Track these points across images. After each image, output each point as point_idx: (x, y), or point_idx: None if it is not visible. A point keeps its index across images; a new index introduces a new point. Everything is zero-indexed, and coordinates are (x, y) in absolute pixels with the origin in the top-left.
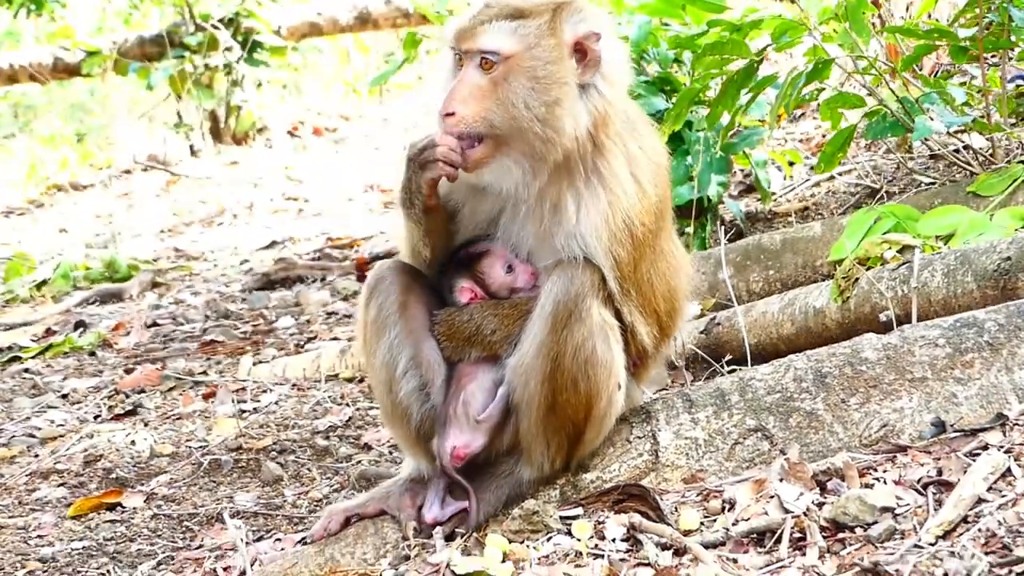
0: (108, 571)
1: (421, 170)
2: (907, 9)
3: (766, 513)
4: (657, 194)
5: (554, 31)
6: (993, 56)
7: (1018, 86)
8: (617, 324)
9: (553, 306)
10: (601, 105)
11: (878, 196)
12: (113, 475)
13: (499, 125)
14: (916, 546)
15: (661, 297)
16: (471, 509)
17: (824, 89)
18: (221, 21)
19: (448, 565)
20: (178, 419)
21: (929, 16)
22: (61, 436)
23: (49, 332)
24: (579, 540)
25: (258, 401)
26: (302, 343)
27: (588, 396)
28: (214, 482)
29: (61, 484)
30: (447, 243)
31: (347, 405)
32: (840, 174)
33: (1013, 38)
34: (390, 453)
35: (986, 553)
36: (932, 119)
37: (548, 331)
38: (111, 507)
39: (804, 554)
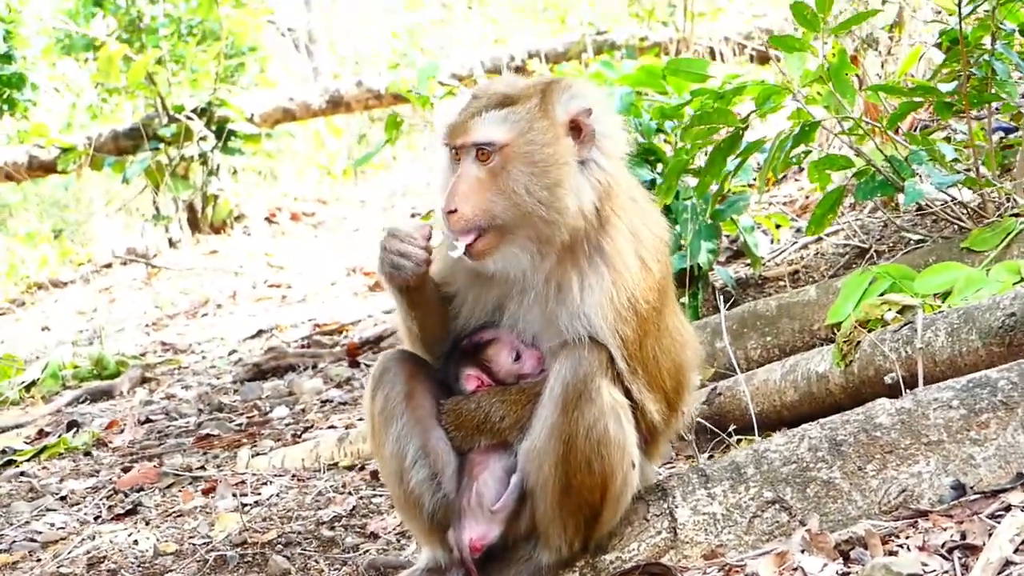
0: None
1: (393, 269)
2: (882, 67)
3: None
4: (660, 270)
5: (546, 112)
6: (975, 111)
7: (1002, 139)
8: (627, 403)
9: (562, 388)
10: (603, 178)
11: (868, 256)
12: None
13: (502, 215)
14: None
15: (667, 374)
16: None
17: (810, 152)
18: (194, 111)
19: None
20: (179, 516)
21: (904, 77)
22: (63, 539)
23: (42, 433)
24: None
25: (259, 494)
26: (299, 432)
27: (603, 476)
28: None
29: None
30: (442, 322)
31: (350, 494)
32: (828, 235)
33: (996, 91)
34: (397, 541)
35: None
36: (922, 180)
37: (559, 413)
38: None
39: None
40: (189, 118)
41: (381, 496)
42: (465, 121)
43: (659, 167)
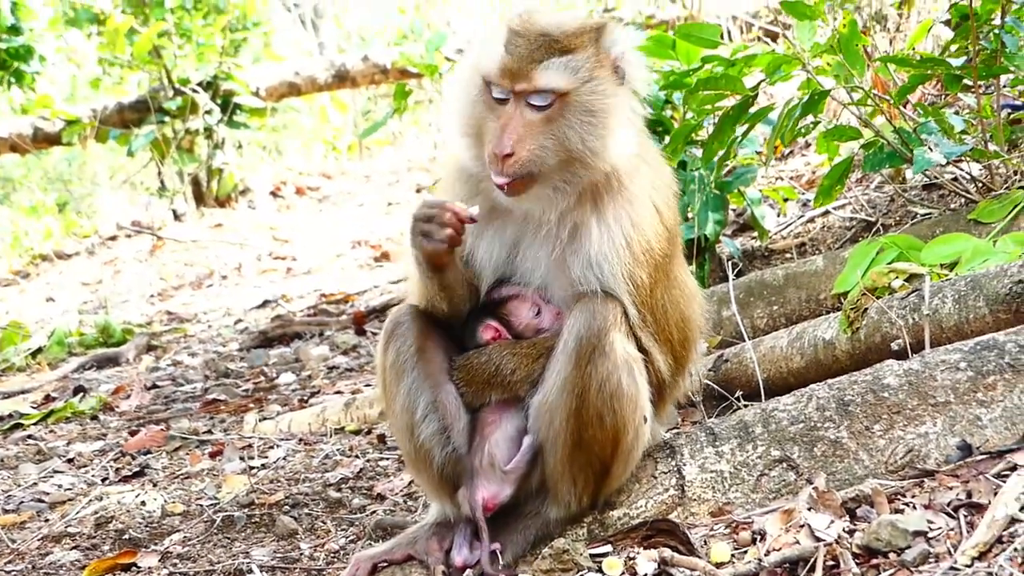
0: None
1: (424, 237)
2: (891, 43)
3: (797, 542)
4: (671, 217)
5: (601, 61)
6: (983, 85)
7: (1010, 114)
8: (640, 356)
9: (576, 342)
10: (638, 120)
11: (874, 229)
12: (126, 536)
13: (552, 160)
14: (952, 568)
15: (675, 326)
16: (486, 553)
17: (819, 122)
18: (200, 84)
19: None
20: (187, 478)
21: (913, 49)
22: (70, 500)
23: (48, 399)
24: None
25: (266, 457)
26: (305, 398)
27: (615, 431)
28: (228, 538)
29: (74, 547)
30: (465, 291)
31: (357, 457)
32: (835, 209)
33: (1005, 63)
34: (404, 503)
35: (1023, 572)
36: (931, 150)
37: (572, 367)
38: (126, 568)
39: None
40: (195, 91)
41: (388, 459)
42: (524, 66)
43: (666, 139)
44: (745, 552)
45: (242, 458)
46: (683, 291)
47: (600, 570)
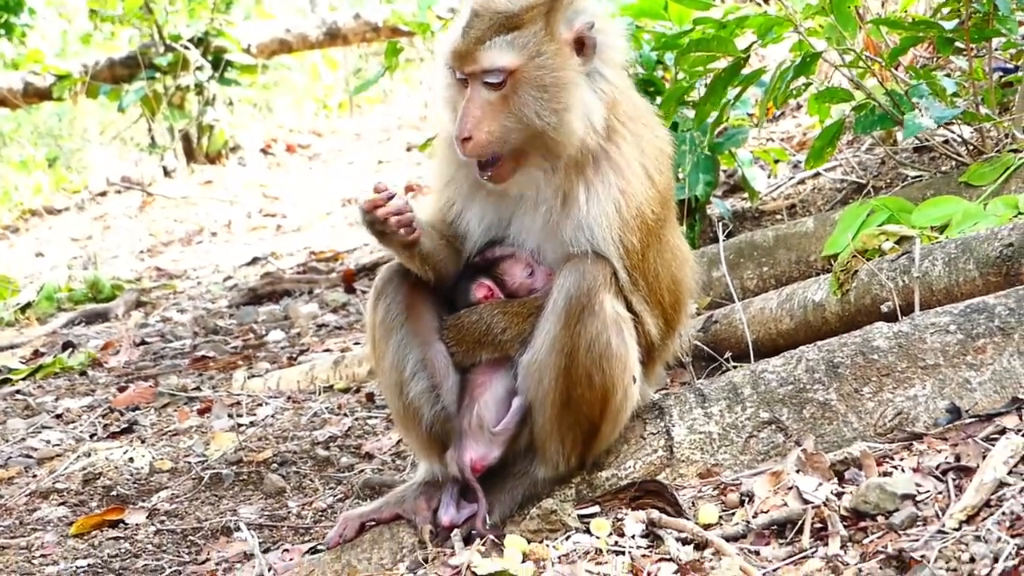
0: None
1: (379, 238)
2: (883, 5)
3: (785, 504)
4: (663, 182)
5: (552, 34)
6: (975, 48)
7: (1001, 77)
8: (630, 316)
9: (565, 301)
10: (608, 89)
11: (865, 191)
12: (114, 492)
13: (515, 139)
14: (940, 532)
15: (666, 289)
16: (481, 513)
17: (811, 84)
18: (191, 41)
19: (469, 567)
20: (175, 435)
21: (906, 12)
22: (58, 456)
23: (37, 354)
24: (598, 538)
25: (254, 415)
26: (294, 356)
27: (604, 390)
28: (216, 496)
29: (62, 503)
30: (449, 255)
31: (345, 416)
32: (826, 171)
33: (997, 26)
34: (393, 461)
35: (1012, 536)
36: (922, 113)
37: (561, 326)
38: (113, 524)
39: (827, 544)
40: (186, 47)
41: (376, 418)
42: (472, 47)
43: (658, 100)
44: (733, 514)
45: (230, 415)
46: (675, 255)
47: (588, 531)
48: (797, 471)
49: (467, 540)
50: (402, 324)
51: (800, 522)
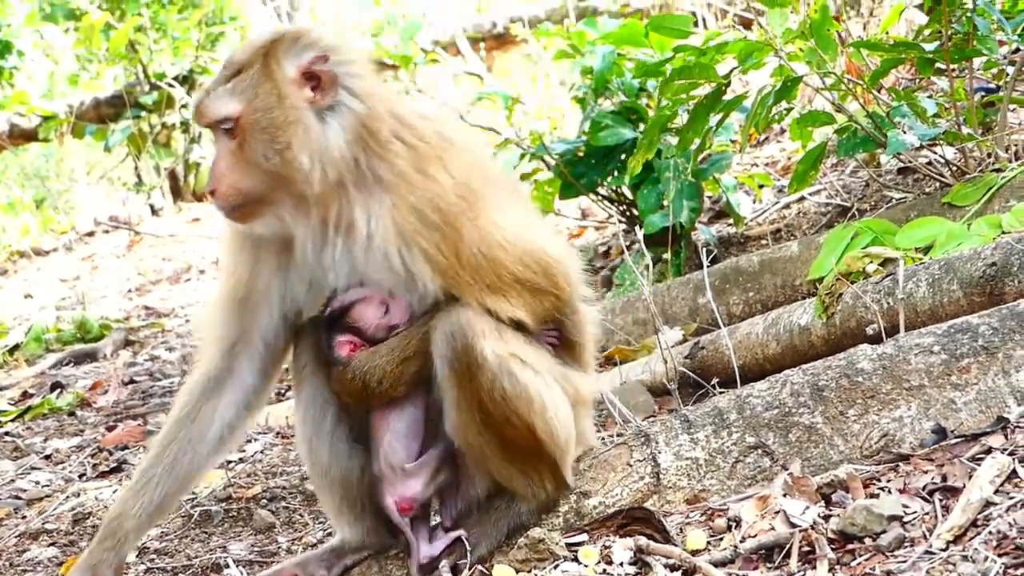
0: None
1: None
2: (864, 28)
3: (773, 529)
4: (457, 174)
5: (269, 74)
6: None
7: (983, 97)
8: (510, 352)
9: (448, 367)
10: (358, 116)
11: (849, 214)
12: None
13: (253, 187)
14: (928, 552)
15: (518, 263)
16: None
17: (792, 109)
18: (176, 79)
19: None
20: None
21: (886, 34)
22: (48, 496)
23: (26, 395)
24: (586, 566)
25: (243, 451)
26: (282, 391)
27: (528, 425)
28: (206, 533)
29: (51, 544)
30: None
31: None
32: (810, 195)
33: (977, 46)
34: None
35: (999, 555)
36: (905, 132)
37: (456, 390)
38: None
39: (815, 567)
40: (171, 85)
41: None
42: (202, 99)
43: (641, 127)
44: (721, 539)
45: None
46: (511, 228)
47: (576, 559)
48: (784, 495)
49: (454, 572)
50: (312, 373)
51: (788, 546)
